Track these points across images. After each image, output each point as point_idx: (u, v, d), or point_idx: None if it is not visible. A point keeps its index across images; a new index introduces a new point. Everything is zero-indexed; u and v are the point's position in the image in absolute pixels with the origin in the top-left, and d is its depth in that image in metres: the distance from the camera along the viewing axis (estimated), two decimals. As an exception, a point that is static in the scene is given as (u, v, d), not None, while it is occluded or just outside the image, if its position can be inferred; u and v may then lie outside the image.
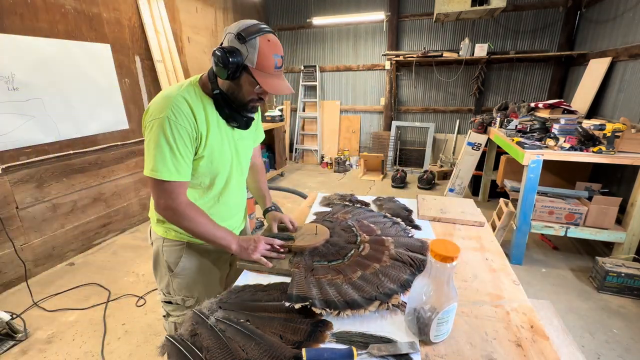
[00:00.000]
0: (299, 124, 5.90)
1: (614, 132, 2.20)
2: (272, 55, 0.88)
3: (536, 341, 0.75)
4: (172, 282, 1.11)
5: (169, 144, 0.88)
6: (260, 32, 0.88)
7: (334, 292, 0.87)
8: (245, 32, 0.86)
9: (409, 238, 1.17)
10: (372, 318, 0.83)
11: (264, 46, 0.87)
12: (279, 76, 0.93)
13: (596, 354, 1.77)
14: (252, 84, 0.92)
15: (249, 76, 0.90)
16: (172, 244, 1.09)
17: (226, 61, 0.86)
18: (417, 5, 4.81)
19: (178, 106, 0.89)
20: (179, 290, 1.12)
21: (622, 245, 2.37)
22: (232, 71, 0.88)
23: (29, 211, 2.45)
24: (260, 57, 0.87)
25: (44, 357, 1.78)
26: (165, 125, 0.87)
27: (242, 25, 0.89)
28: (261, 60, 0.88)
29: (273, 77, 0.91)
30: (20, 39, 2.29)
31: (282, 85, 0.93)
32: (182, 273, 1.10)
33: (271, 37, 0.90)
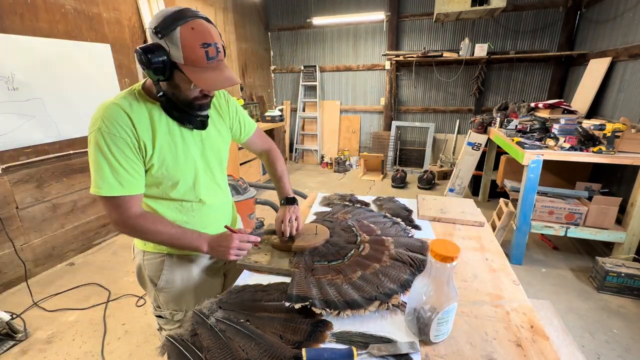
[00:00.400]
0: (299, 124, 5.90)
1: (614, 132, 2.20)
2: (198, 46, 0.76)
3: (536, 341, 0.75)
4: (158, 297, 1.07)
5: (106, 158, 0.81)
6: (180, 21, 0.75)
7: (334, 292, 0.87)
8: (161, 25, 0.75)
9: (409, 238, 1.17)
10: (372, 318, 0.83)
11: (188, 37, 0.76)
12: (215, 68, 0.81)
13: (596, 354, 1.77)
14: (187, 81, 0.81)
15: (180, 73, 0.80)
16: (152, 257, 1.03)
17: (147, 62, 0.76)
18: (417, 5, 4.81)
19: (111, 115, 0.81)
20: (166, 304, 1.07)
21: (622, 245, 2.37)
22: (160, 72, 0.79)
23: (29, 211, 2.45)
24: (186, 50, 0.76)
25: (44, 357, 1.78)
26: (99, 138, 0.80)
27: (159, 16, 0.77)
28: (188, 54, 0.76)
29: (207, 70, 0.79)
30: (20, 39, 2.29)
31: (220, 79, 0.81)
32: (166, 287, 1.05)
33: (196, 23, 0.77)
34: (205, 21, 0.81)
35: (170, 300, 1.07)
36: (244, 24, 5.06)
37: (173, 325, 1.09)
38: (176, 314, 1.08)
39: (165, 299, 1.07)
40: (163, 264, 1.03)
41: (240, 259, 0.99)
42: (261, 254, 1.12)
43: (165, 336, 0.74)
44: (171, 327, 1.10)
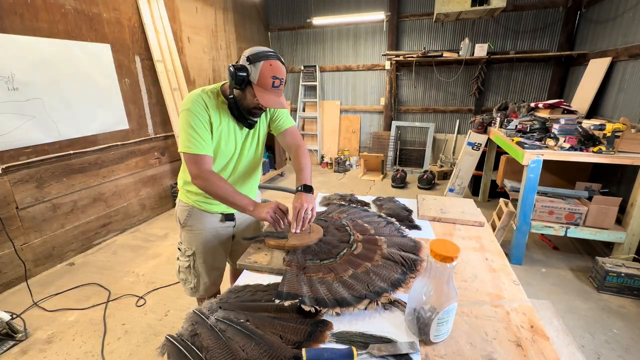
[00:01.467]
0: (299, 124, 5.90)
1: (614, 132, 2.20)
2: (270, 77, 1.11)
3: (536, 341, 0.75)
4: (181, 233, 1.42)
5: (192, 127, 1.16)
6: (265, 58, 1.12)
7: (324, 290, 0.88)
8: (253, 56, 1.12)
9: (402, 237, 1.18)
10: (372, 318, 0.83)
11: (265, 69, 1.11)
12: (275, 93, 1.15)
13: (596, 354, 1.77)
14: (253, 95, 1.14)
15: (251, 89, 1.14)
16: (182, 205, 1.39)
17: (234, 75, 1.12)
18: (417, 5, 4.81)
19: (197, 101, 1.18)
20: (184, 240, 1.42)
21: (622, 245, 2.37)
22: (239, 83, 1.13)
23: (29, 211, 2.45)
24: (261, 76, 1.11)
25: (44, 357, 1.78)
26: (189, 114, 1.17)
27: (254, 50, 1.14)
28: (261, 79, 1.12)
29: (270, 93, 1.14)
30: (20, 39, 2.29)
31: (276, 101, 1.16)
32: (187, 227, 1.39)
33: (274, 62, 1.13)
34: (281, 62, 1.16)
35: (186, 238, 1.41)
36: (244, 24, 5.05)
37: (184, 258, 1.42)
38: (188, 250, 1.40)
39: (184, 237, 1.41)
40: (187, 212, 1.37)
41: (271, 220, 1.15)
42: (261, 254, 1.12)
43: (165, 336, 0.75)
44: (183, 259, 1.42)
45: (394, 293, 0.88)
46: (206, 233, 1.40)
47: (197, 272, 1.42)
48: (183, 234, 1.42)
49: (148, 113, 3.40)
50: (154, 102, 3.45)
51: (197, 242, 1.39)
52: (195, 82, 4.08)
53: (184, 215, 1.39)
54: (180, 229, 1.43)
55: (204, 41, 4.22)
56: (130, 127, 3.20)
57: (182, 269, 1.44)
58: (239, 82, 1.13)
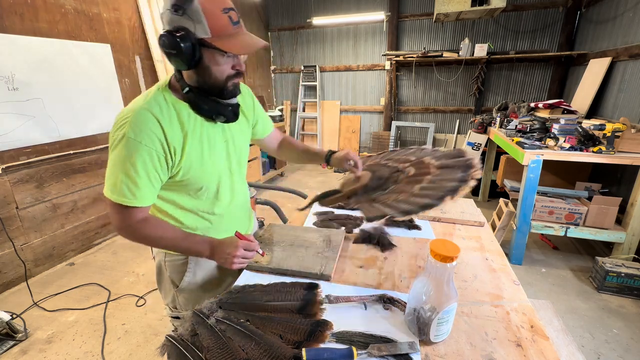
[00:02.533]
0: (299, 124, 5.90)
1: (614, 132, 2.20)
2: (220, 12, 0.74)
3: (536, 341, 0.75)
4: (177, 297, 1.04)
5: (124, 167, 0.78)
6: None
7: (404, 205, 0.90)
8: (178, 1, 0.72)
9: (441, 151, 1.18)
10: (372, 318, 0.83)
11: (207, 5, 0.73)
12: (241, 33, 0.79)
13: (596, 354, 1.77)
14: (218, 55, 0.78)
15: (210, 50, 0.77)
16: (174, 259, 1.02)
17: (176, 46, 0.72)
18: (417, 5, 4.81)
19: (141, 122, 0.77)
20: (186, 305, 1.05)
21: (622, 245, 2.37)
22: (191, 55, 0.74)
23: (29, 211, 2.45)
24: (209, 19, 0.73)
25: (44, 357, 1.78)
26: (123, 144, 0.77)
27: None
28: (212, 24, 0.73)
29: (234, 36, 0.77)
30: (20, 39, 2.29)
31: (250, 42, 0.79)
32: (188, 288, 1.02)
33: None
34: None
35: (190, 301, 1.03)
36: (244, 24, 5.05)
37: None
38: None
39: (186, 300, 1.04)
40: (186, 265, 1.01)
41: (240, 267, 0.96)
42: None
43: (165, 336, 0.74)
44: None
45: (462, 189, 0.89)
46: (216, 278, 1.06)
47: None
48: (181, 298, 1.03)
49: (148, 113, 3.40)
50: (154, 102, 3.45)
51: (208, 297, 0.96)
52: (195, 82, 4.08)
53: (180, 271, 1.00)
54: (174, 293, 1.03)
55: (204, 41, 4.22)
56: (130, 127, 3.20)
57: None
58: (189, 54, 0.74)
